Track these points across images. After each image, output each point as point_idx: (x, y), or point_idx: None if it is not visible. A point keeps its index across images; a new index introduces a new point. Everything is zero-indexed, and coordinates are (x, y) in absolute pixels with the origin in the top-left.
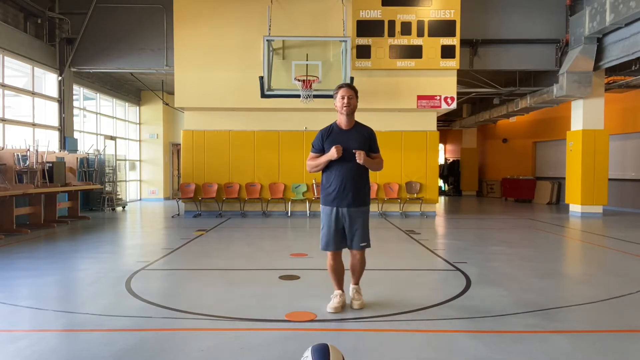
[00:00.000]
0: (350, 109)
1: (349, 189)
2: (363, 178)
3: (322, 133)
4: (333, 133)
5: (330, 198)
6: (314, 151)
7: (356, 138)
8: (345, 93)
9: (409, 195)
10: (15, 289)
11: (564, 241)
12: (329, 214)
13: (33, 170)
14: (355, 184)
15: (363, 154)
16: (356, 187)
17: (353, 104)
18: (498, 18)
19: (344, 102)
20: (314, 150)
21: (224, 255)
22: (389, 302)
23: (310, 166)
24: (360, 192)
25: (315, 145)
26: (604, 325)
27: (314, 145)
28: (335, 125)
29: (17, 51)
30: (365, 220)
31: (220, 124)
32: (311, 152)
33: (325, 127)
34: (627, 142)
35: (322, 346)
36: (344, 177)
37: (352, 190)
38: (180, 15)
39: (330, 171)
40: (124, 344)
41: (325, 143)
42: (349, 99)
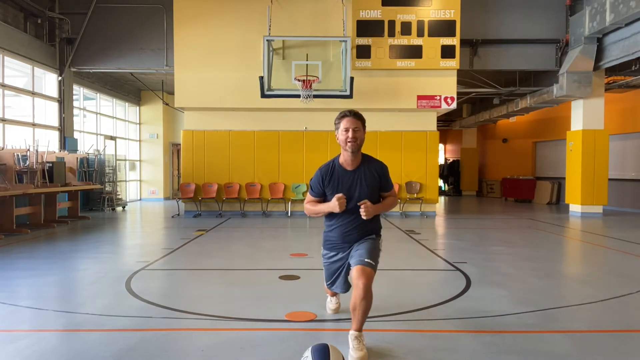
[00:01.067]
0: (356, 144)
1: (354, 237)
2: (372, 221)
3: (322, 174)
4: (335, 175)
5: (331, 245)
6: (312, 194)
7: (364, 181)
8: (350, 125)
9: (409, 195)
10: (15, 289)
11: (564, 241)
12: (330, 258)
13: (33, 170)
14: (361, 231)
15: (370, 208)
16: (362, 233)
17: (360, 137)
18: (498, 18)
19: (349, 135)
20: (313, 194)
21: (224, 255)
22: (389, 302)
23: (308, 211)
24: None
25: (314, 188)
26: (604, 325)
27: (313, 189)
28: (337, 164)
29: (17, 51)
30: (375, 242)
31: (220, 124)
32: (309, 194)
33: (325, 165)
34: (627, 142)
35: (322, 346)
36: (349, 227)
37: (358, 237)
38: (180, 15)
39: (335, 218)
40: (124, 344)
41: (326, 188)
42: (354, 132)
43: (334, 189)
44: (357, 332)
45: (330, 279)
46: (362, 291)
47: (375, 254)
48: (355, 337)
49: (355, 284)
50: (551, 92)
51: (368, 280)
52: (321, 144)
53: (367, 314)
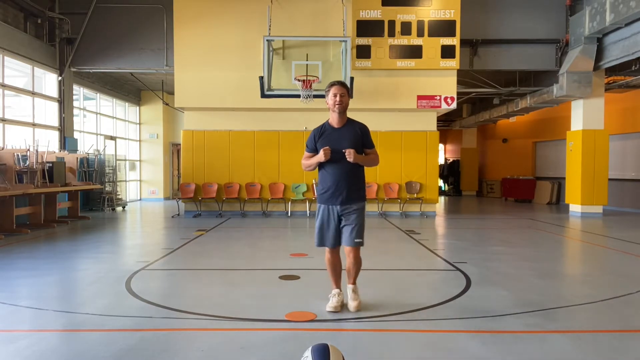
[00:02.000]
0: (342, 106)
1: (343, 188)
2: (357, 176)
3: (314, 133)
4: (325, 132)
5: (325, 197)
6: (307, 151)
7: (348, 135)
8: (337, 91)
9: (409, 195)
10: (15, 289)
11: (564, 241)
12: (324, 211)
13: (33, 170)
14: (348, 183)
15: (353, 153)
16: (350, 186)
17: (345, 101)
18: (498, 18)
19: (336, 99)
20: (308, 149)
21: (224, 255)
22: (389, 302)
23: (304, 165)
24: (354, 190)
25: (308, 144)
26: (604, 325)
27: (307, 145)
28: (327, 124)
29: (17, 51)
30: (360, 216)
31: (220, 124)
32: (305, 151)
33: (317, 127)
34: (627, 142)
35: (322, 346)
36: (337, 177)
37: (346, 189)
38: (180, 15)
39: (324, 170)
40: (124, 344)
41: (317, 143)
42: (341, 96)
43: (323, 143)
44: (353, 285)
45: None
46: (354, 260)
47: (362, 231)
48: (353, 290)
49: (348, 255)
50: (551, 92)
51: (357, 252)
52: None
53: (359, 272)
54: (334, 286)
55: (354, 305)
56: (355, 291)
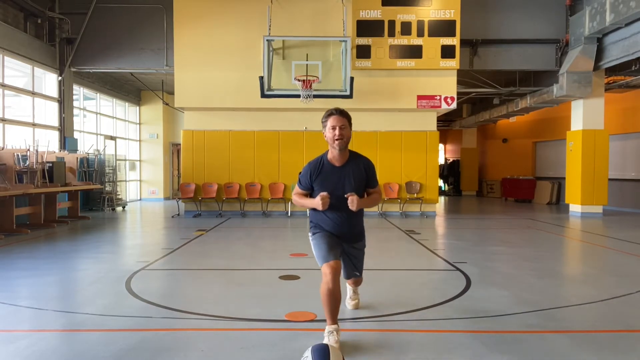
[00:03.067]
0: (343, 142)
1: (342, 231)
2: (358, 217)
3: (310, 169)
4: (324, 171)
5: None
6: (300, 187)
7: (351, 176)
8: (337, 123)
9: (409, 195)
10: (15, 289)
11: (564, 241)
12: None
13: (33, 170)
14: (348, 225)
15: (356, 200)
16: (350, 228)
17: (346, 135)
18: (498, 18)
19: (336, 134)
20: (301, 187)
21: (224, 255)
22: (389, 302)
23: (295, 202)
24: (354, 232)
25: (302, 182)
26: (604, 325)
27: (301, 182)
28: (325, 160)
29: (17, 51)
30: (360, 255)
31: (220, 124)
32: (297, 186)
33: (314, 161)
34: (627, 142)
35: (322, 346)
36: (336, 222)
37: (346, 232)
38: (180, 15)
39: (320, 213)
40: (124, 344)
41: (314, 183)
42: (340, 129)
43: (321, 184)
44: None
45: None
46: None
47: (362, 264)
48: (353, 291)
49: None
50: (551, 92)
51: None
52: (321, 144)
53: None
54: (329, 321)
55: (352, 305)
56: (356, 291)
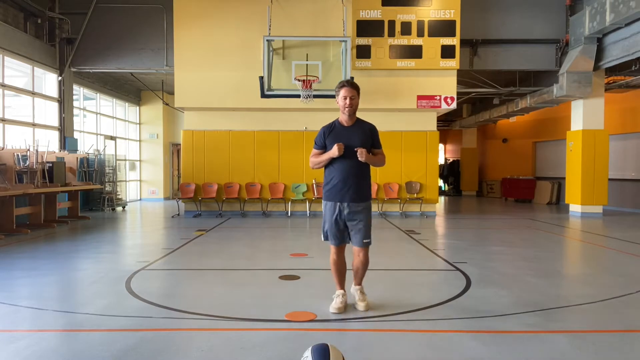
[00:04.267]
0: (352, 109)
1: (350, 185)
2: (364, 174)
3: (324, 130)
4: (335, 130)
5: (332, 193)
6: (316, 147)
7: (358, 134)
8: (348, 93)
9: (409, 195)
10: (15, 289)
11: (564, 241)
12: (330, 208)
13: (33, 170)
14: (356, 180)
15: (365, 152)
16: (357, 183)
17: (355, 104)
18: (498, 18)
19: (346, 102)
20: (316, 146)
21: (224, 255)
22: (389, 302)
23: (312, 162)
24: (361, 188)
25: (317, 142)
26: (604, 325)
27: (316, 142)
28: (337, 122)
29: (17, 51)
30: (368, 216)
31: (220, 124)
32: (314, 148)
33: (327, 124)
34: (627, 142)
35: (322, 346)
36: (346, 174)
37: (354, 186)
38: (180, 15)
39: (332, 167)
40: (124, 344)
41: (327, 140)
42: (351, 99)
43: (333, 140)
44: (359, 285)
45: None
46: (363, 259)
47: (370, 231)
48: (360, 291)
49: (357, 255)
50: (551, 92)
51: (366, 252)
52: None
53: (365, 272)
54: (338, 287)
55: (363, 306)
56: (363, 292)
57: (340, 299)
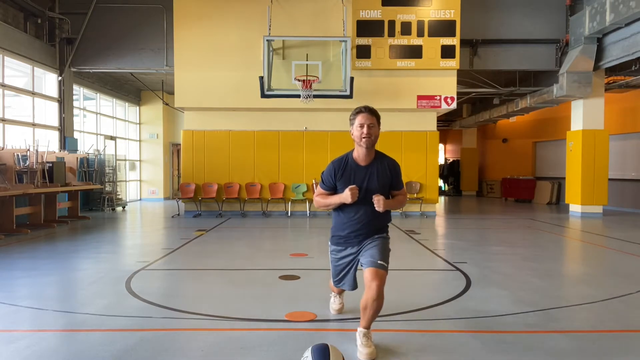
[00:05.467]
0: (371, 140)
1: (363, 233)
2: (382, 217)
3: (334, 167)
4: (348, 169)
5: (341, 239)
6: (323, 187)
7: (377, 176)
8: (366, 121)
9: (408, 195)
10: (15, 289)
11: (564, 241)
12: (337, 254)
13: (33, 170)
14: (371, 227)
15: (382, 201)
16: (372, 230)
17: (375, 133)
18: (498, 18)
19: (364, 132)
20: (324, 187)
21: (224, 255)
22: (389, 302)
23: (318, 203)
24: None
25: (325, 181)
26: (604, 325)
27: (324, 181)
28: (351, 158)
29: (17, 51)
30: (384, 242)
31: (220, 124)
32: (320, 186)
33: (338, 159)
34: (627, 142)
35: (322, 346)
36: (360, 222)
37: (368, 233)
38: (180, 15)
39: (342, 214)
40: (124, 344)
41: (338, 181)
42: (369, 127)
43: (346, 183)
44: (366, 329)
45: (339, 276)
46: (376, 292)
47: (387, 255)
48: (364, 335)
49: (369, 285)
50: (551, 92)
51: (381, 281)
52: (321, 144)
53: (377, 314)
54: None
55: (366, 353)
56: (369, 337)
57: (337, 298)
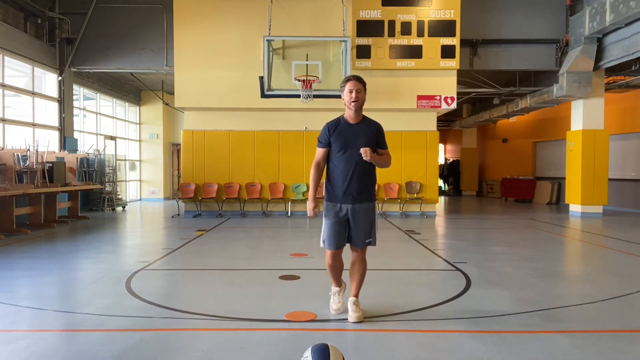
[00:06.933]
0: (358, 104)
1: (354, 186)
2: (369, 174)
3: (328, 126)
4: (340, 127)
5: (334, 194)
6: (320, 146)
7: (364, 133)
8: (354, 87)
9: (409, 195)
10: (15, 289)
11: (564, 241)
12: (331, 209)
13: (33, 170)
14: (360, 181)
15: (369, 152)
16: (361, 184)
17: (361, 98)
18: (498, 18)
19: (352, 96)
20: (321, 145)
21: (224, 255)
22: (389, 302)
23: (311, 177)
24: (365, 189)
25: (321, 139)
26: (604, 325)
27: (320, 140)
28: (342, 118)
29: (17, 51)
30: (370, 216)
31: (220, 124)
32: (318, 146)
33: (332, 120)
34: (627, 142)
35: (322, 346)
36: (349, 174)
37: (357, 187)
38: (180, 15)
39: (335, 167)
40: (124, 344)
41: (331, 137)
42: (357, 92)
43: (338, 138)
44: (355, 297)
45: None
46: (360, 260)
47: (374, 230)
48: (354, 302)
49: (355, 258)
50: (551, 92)
51: (364, 254)
52: None
53: (362, 280)
54: (334, 284)
55: (355, 317)
56: (357, 304)
57: (337, 297)
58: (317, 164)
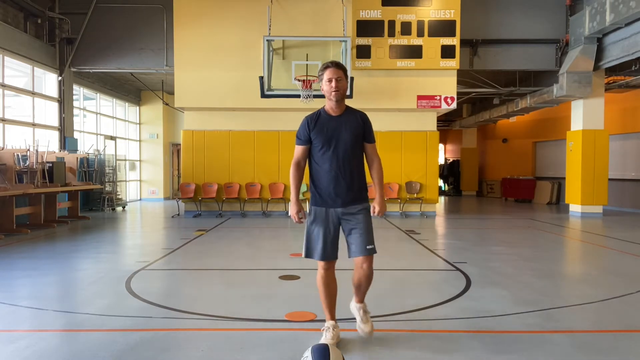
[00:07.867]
0: (339, 93)
1: (342, 187)
2: (358, 171)
3: (307, 121)
4: (320, 120)
5: (321, 199)
6: (299, 143)
7: (348, 125)
8: (333, 75)
9: (409, 195)
10: (15, 289)
11: (564, 241)
12: (320, 215)
13: (33, 170)
14: (348, 181)
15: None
16: (350, 184)
17: (342, 87)
18: (498, 18)
19: (332, 86)
20: (300, 141)
21: (224, 255)
22: (389, 302)
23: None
24: (355, 189)
25: (300, 136)
26: (604, 325)
27: (299, 137)
28: (323, 111)
29: (17, 51)
30: (367, 218)
31: (220, 124)
32: (296, 144)
33: (311, 114)
34: (627, 142)
35: (322, 346)
36: (336, 173)
37: (346, 188)
38: (180, 15)
39: (318, 166)
40: (124, 344)
41: (312, 132)
42: (337, 81)
43: (319, 133)
44: (362, 303)
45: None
46: (367, 271)
47: (372, 235)
48: (361, 309)
49: (360, 266)
50: (551, 92)
51: (371, 262)
52: None
53: (369, 287)
54: (328, 316)
55: (367, 330)
56: (366, 310)
57: (331, 332)
58: (297, 164)
